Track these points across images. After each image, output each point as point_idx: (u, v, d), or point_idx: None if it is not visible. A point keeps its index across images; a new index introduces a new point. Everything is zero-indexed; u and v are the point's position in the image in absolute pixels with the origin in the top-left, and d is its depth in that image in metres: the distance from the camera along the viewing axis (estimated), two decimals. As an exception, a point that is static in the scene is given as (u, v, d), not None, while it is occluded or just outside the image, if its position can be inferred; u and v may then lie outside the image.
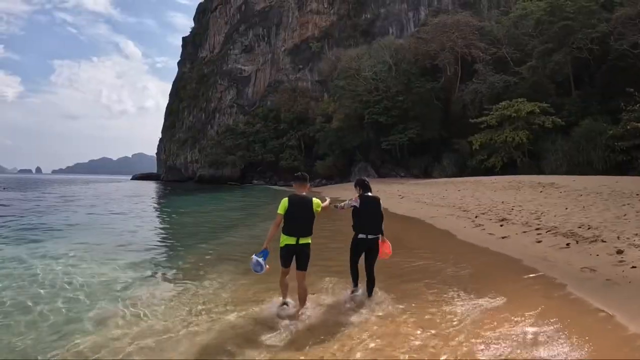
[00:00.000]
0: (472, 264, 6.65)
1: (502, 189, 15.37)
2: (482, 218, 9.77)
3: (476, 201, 12.76)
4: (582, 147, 30.02)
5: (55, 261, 7.15)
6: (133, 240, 9.79)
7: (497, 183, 18.04)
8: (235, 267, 6.64)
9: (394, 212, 14.79)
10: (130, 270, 6.56)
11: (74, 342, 3.75)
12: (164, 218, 17.20)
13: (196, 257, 7.57)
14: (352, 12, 72.83)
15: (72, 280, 5.86)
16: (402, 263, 6.77)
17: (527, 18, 40.08)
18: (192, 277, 6.12)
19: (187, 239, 10.28)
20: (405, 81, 42.74)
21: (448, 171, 37.84)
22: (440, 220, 10.90)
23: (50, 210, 17.73)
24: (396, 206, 16.15)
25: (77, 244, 8.90)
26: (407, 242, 8.57)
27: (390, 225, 9.78)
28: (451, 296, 4.92)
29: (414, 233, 10.16)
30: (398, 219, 13.04)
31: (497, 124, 32.64)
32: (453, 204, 12.89)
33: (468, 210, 10.99)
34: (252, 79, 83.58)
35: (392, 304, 4.68)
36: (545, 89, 34.58)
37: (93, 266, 6.83)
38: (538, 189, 14.26)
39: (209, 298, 5.10)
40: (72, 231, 11.27)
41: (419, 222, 11.61)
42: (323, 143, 52.01)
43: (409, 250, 7.73)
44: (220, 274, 6.26)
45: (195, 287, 5.57)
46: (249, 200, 30.40)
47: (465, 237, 8.66)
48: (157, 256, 7.94)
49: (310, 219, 4.65)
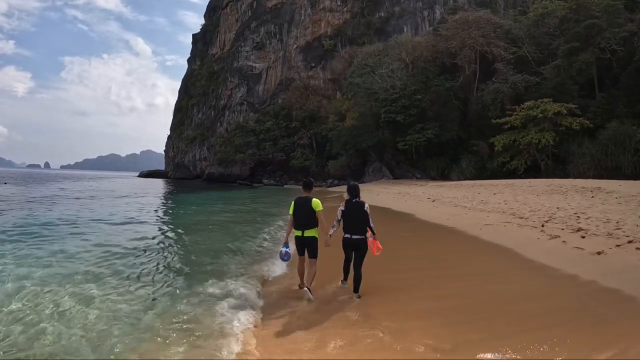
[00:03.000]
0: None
1: (546, 194, 14.36)
2: (551, 227, 8.40)
3: (525, 206, 11.73)
4: (611, 151, 28.94)
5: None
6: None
7: (534, 187, 17.02)
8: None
9: (431, 220, 12.72)
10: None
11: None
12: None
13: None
14: (366, 10, 71.72)
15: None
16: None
17: (549, 17, 39.07)
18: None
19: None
20: (423, 79, 41.62)
21: (467, 173, 36.80)
22: (499, 231, 9.08)
23: (36, 207, 17.16)
24: (431, 212, 14.38)
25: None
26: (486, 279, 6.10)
27: (437, 244, 8.63)
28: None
29: (485, 259, 7.38)
30: (443, 232, 10.48)
31: (520, 125, 31.53)
32: (501, 209, 11.76)
33: (525, 217, 9.95)
34: (263, 76, 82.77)
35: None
36: (568, 90, 33.45)
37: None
38: (587, 194, 13.25)
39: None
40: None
41: (476, 239, 9.12)
42: (336, 142, 50.96)
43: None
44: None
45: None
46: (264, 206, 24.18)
47: (548, 256, 6.77)
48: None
49: (311, 215, 5.67)
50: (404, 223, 13.31)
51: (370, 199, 21.87)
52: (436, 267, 6.95)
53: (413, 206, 15.88)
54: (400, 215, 15.23)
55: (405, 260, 7.63)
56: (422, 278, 6.28)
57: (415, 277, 6.34)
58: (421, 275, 6.44)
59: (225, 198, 30.26)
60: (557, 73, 34.00)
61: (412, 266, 7.18)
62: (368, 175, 47.47)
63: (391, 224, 12.54)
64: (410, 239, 10.02)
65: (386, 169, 46.03)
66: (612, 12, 33.62)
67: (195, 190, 44.92)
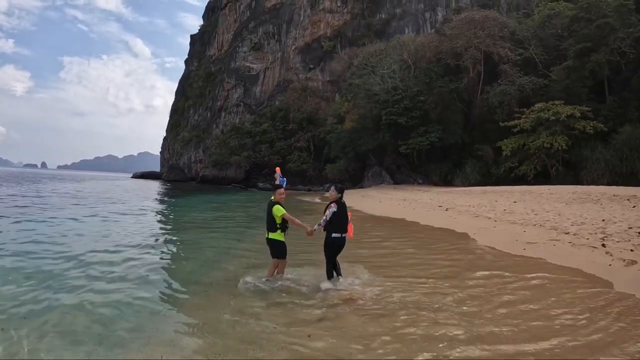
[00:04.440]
0: None
1: (575, 202, 12.60)
2: (614, 247, 6.59)
3: (561, 218, 9.87)
4: (626, 156, 27.48)
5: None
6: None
7: (556, 194, 15.27)
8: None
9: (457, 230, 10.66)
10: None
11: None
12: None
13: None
14: (367, 11, 70.37)
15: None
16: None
17: (556, 18, 37.77)
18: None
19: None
20: (427, 80, 39.98)
21: (471, 179, 35.16)
22: (554, 253, 7.07)
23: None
24: (448, 223, 12.12)
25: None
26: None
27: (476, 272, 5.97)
28: None
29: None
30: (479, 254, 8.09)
31: (530, 128, 29.93)
32: (535, 221, 9.69)
33: (571, 232, 7.97)
34: (260, 77, 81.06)
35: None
36: (577, 93, 32.01)
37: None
38: (623, 203, 11.52)
39: None
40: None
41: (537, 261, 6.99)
42: (335, 145, 49.11)
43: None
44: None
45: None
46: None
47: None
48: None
49: (269, 218, 5.96)
50: (437, 242, 10.19)
51: (373, 207, 20.01)
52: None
53: (423, 215, 13.99)
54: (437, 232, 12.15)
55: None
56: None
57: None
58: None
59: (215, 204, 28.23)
60: (568, 74, 32.54)
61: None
62: (367, 180, 45.70)
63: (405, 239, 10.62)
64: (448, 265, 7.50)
65: (386, 173, 44.27)
66: (623, 12, 32.41)
67: (188, 192, 43.01)
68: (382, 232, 11.75)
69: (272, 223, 5.91)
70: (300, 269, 6.69)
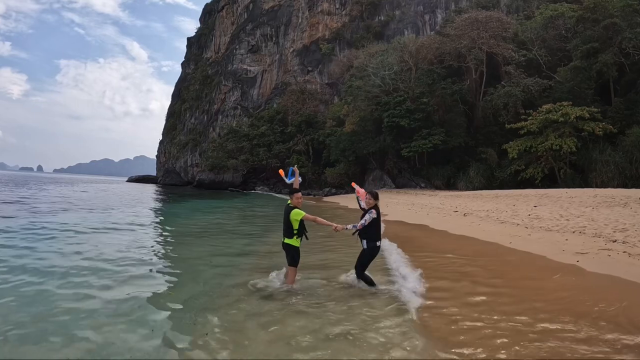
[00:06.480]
0: None
1: (601, 206, 11.72)
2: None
3: (597, 224, 8.99)
4: (636, 158, 26.81)
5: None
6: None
7: (577, 197, 14.38)
8: None
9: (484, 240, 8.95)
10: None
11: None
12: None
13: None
14: (365, 13, 69.76)
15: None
16: None
17: (559, 19, 37.27)
18: None
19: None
20: (429, 82, 39.21)
21: (475, 183, 34.33)
22: (612, 266, 5.89)
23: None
24: (476, 231, 10.53)
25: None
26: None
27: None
28: None
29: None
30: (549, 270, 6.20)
31: (537, 130, 29.18)
32: (571, 228, 8.50)
33: (617, 240, 7.17)
34: (258, 80, 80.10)
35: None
36: (583, 95, 31.40)
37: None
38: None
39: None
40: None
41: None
42: (334, 148, 48.12)
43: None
44: None
45: None
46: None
47: None
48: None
49: (286, 223, 5.66)
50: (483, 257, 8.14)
51: (383, 212, 19.00)
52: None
53: (441, 221, 12.99)
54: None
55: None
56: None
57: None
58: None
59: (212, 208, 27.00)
60: (574, 75, 31.89)
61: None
62: (368, 184, 44.73)
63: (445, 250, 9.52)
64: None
65: (387, 177, 43.34)
66: (629, 13, 31.91)
67: (184, 197, 41.77)
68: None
69: (289, 228, 5.66)
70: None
